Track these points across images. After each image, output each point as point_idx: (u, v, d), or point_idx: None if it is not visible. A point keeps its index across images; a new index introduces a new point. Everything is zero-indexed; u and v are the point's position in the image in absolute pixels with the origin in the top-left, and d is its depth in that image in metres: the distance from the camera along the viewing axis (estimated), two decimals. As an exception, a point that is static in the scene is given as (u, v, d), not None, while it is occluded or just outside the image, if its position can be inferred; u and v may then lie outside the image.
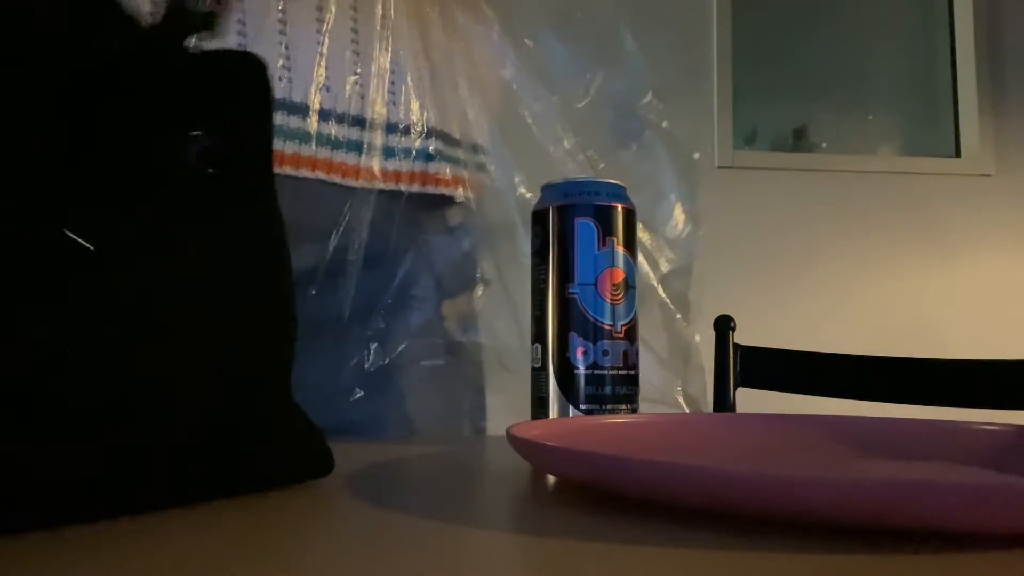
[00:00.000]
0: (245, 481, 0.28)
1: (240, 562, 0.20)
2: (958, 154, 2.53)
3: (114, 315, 0.24)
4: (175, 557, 0.20)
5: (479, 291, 0.60)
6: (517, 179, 0.61)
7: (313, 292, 0.53)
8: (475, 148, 0.60)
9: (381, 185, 0.55)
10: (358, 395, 0.55)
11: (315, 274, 0.52)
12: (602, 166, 0.61)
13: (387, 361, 0.56)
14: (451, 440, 0.52)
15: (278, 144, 0.50)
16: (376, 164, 0.54)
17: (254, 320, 0.28)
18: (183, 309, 0.26)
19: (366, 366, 0.55)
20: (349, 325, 0.55)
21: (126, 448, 0.23)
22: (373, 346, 0.56)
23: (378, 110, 0.54)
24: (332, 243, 0.52)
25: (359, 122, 0.54)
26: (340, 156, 0.53)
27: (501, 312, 0.59)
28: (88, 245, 0.23)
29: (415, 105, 0.56)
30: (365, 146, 0.54)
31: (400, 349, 0.56)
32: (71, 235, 0.23)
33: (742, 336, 1.00)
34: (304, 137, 0.52)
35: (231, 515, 0.25)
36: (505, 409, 0.61)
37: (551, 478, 0.33)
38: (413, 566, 0.19)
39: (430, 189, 0.57)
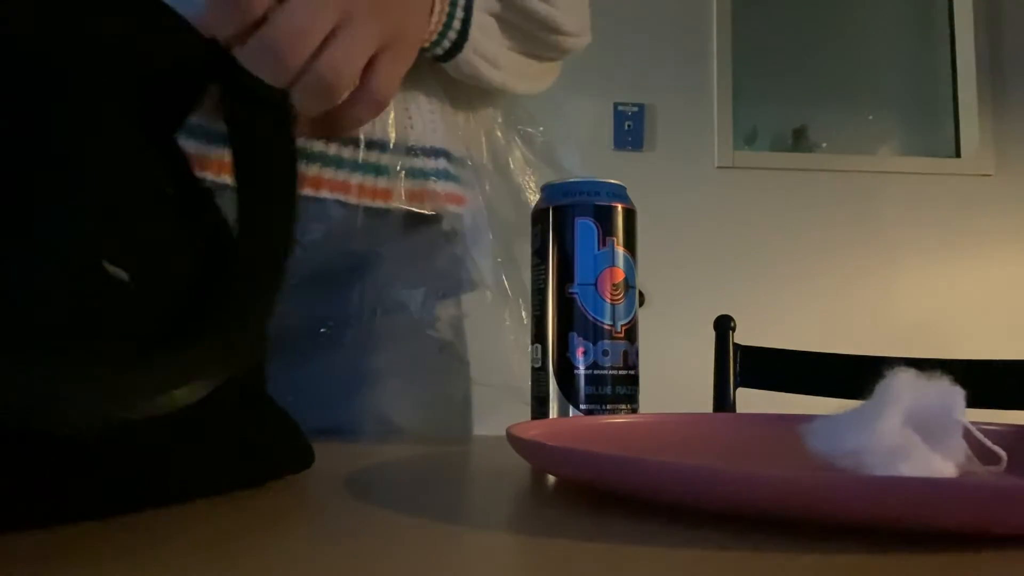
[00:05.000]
0: (225, 479, 0.28)
1: (238, 565, 0.20)
2: (958, 154, 2.53)
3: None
4: (176, 559, 0.20)
5: (472, 294, 0.61)
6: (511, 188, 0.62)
7: (307, 295, 0.53)
8: (471, 165, 0.61)
9: (394, 205, 0.55)
10: (347, 394, 0.55)
11: (309, 277, 0.52)
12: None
13: (380, 362, 0.56)
14: (450, 440, 0.52)
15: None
16: (386, 183, 0.55)
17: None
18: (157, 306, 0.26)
19: (360, 367, 0.56)
20: (344, 327, 0.55)
21: (102, 449, 0.23)
22: (366, 348, 0.56)
23: (390, 132, 0.55)
24: (325, 246, 0.52)
25: (380, 146, 0.54)
26: (356, 178, 0.54)
27: (492, 314, 0.60)
28: (124, 276, 0.23)
29: (422, 124, 0.57)
30: (343, 161, 0.54)
31: (393, 350, 0.57)
32: (109, 267, 0.23)
33: (742, 336, 1.00)
34: (321, 159, 0.52)
35: (226, 516, 0.25)
36: (494, 408, 0.61)
37: (551, 478, 0.33)
38: (413, 566, 0.19)
39: (427, 207, 0.57)
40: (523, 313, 0.59)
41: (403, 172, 0.55)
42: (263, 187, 0.30)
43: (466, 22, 0.52)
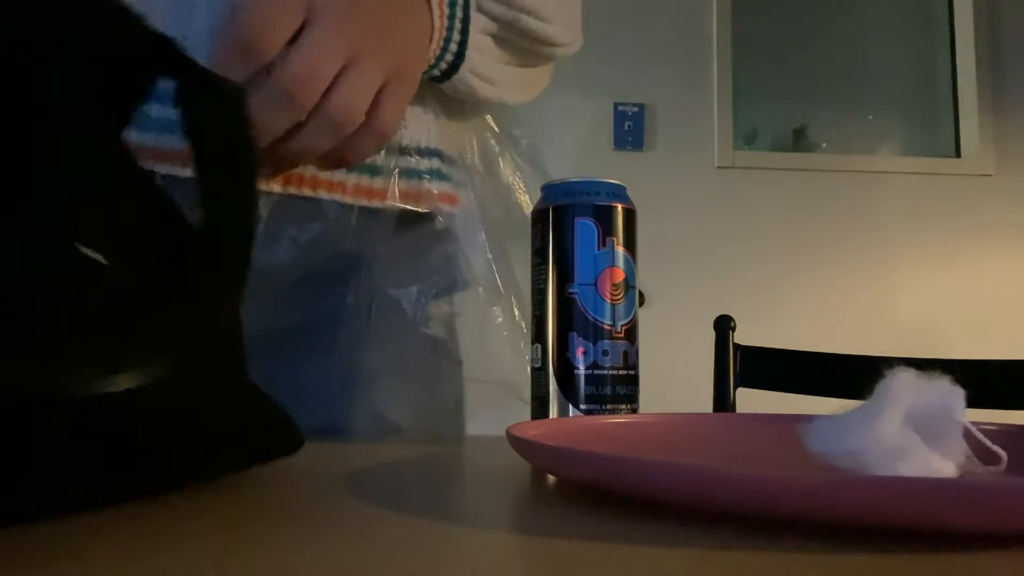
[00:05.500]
0: (210, 463, 0.28)
1: (238, 565, 0.20)
2: (958, 154, 2.53)
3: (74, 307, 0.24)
4: (173, 558, 0.20)
5: (464, 292, 0.61)
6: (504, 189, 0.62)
7: (302, 295, 0.53)
8: (464, 165, 0.61)
9: (389, 204, 0.55)
10: (341, 392, 0.55)
11: (304, 277, 0.53)
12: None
13: (375, 361, 0.56)
14: (449, 440, 0.52)
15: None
16: (381, 183, 0.55)
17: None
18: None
19: (354, 366, 0.56)
20: (338, 326, 0.55)
21: (92, 441, 0.23)
22: (361, 346, 0.56)
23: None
24: (320, 246, 0.52)
25: None
26: (352, 179, 0.54)
27: (484, 311, 0.60)
28: (101, 259, 0.24)
29: (416, 125, 0.57)
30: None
31: (387, 349, 0.57)
32: (84, 250, 0.23)
33: (742, 336, 1.00)
34: None
35: (224, 515, 0.25)
36: (487, 405, 0.62)
37: (551, 478, 0.33)
38: (413, 566, 0.19)
39: (422, 207, 0.57)
40: (515, 310, 0.60)
41: (397, 172, 0.56)
42: (223, 178, 0.30)
43: (462, 44, 0.53)
